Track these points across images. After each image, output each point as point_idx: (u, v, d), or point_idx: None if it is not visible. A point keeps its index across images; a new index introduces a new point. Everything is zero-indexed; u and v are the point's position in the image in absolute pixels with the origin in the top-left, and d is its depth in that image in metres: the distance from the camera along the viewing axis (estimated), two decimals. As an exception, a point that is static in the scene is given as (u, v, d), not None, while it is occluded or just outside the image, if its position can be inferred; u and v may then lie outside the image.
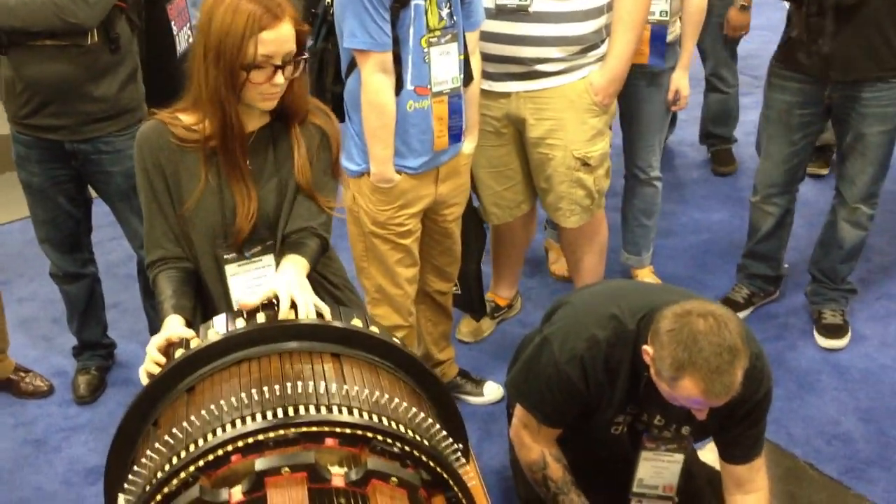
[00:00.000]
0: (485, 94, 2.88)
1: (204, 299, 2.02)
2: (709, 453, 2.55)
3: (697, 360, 1.87)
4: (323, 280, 2.16)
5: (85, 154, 2.83)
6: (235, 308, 1.87)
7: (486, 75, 2.87)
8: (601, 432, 2.22)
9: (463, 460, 1.60)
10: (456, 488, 1.49)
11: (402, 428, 1.47)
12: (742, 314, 3.41)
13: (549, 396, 2.16)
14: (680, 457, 2.24)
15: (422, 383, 1.67)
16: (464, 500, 1.50)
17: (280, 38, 1.81)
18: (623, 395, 2.14)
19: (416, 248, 2.73)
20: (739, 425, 2.15)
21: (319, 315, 1.68)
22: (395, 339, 1.70)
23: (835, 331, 3.27)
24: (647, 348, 1.99)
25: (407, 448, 1.44)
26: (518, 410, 2.28)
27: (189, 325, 1.83)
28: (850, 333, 3.28)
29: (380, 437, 1.43)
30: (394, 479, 1.36)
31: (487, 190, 3.12)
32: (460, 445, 1.72)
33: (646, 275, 3.62)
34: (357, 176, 2.61)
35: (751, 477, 2.21)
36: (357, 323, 1.66)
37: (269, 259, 2.00)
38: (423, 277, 2.93)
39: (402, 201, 2.61)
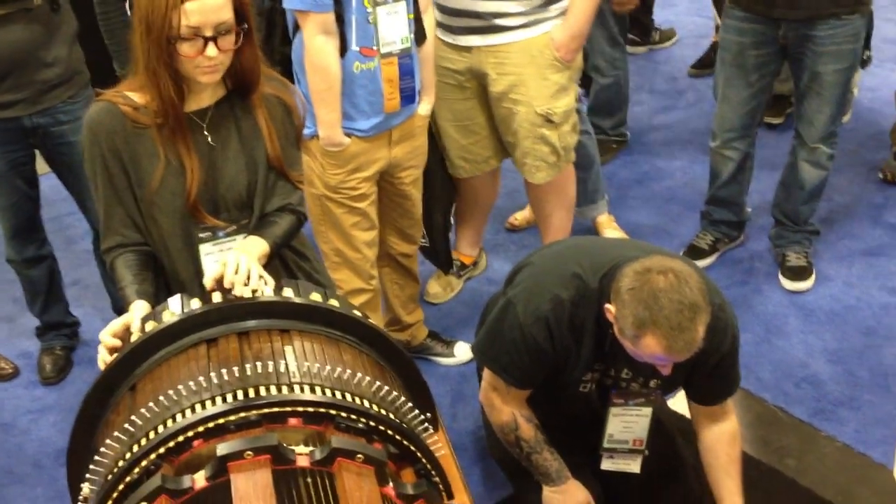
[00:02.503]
0: (447, 47, 2.84)
1: (173, 282, 1.97)
2: (679, 402, 2.56)
3: (658, 318, 1.86)
4: (296, 257, 2.13)
5: (45, 128, 2.79)
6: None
7: (448, 29, 2.82)
8: (570, 391, 2.22)
9: (431, 430, 1.58)
10: (424, 460, 1.48)
11: (366, 403, 1.45)
12: (707, 261, 3.42)
13: (516, 359, 2.15)
14: (648, 410, 2.25)
15: (386, 355, 1.65)
16: (433, 471, 1.49)
17: (205, 7, 1.73)
18: (590, 353, 2.13)
19: (373, 211, 2.70)
20: (709, 378, 2.15)
21: (277, 291, 1.65)
22: (356, 311, 1.67)
23: (799, 273, 3.28)
24: (609, 307, 1.98)
25: (372, 423, 1.42)
26: (486, 374, 2.27)
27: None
28: (814, 275, 3.30)
29: (343, 414, 1.41)
30: (360, 455, 1.34)
31: (453, 143, 3.09)
32: (428, 415, 1.71)
33: (607, 224, 3.61)
34: (307, 139, 2.57)
35: (723, 410, 2.23)
36: (316, 297, 1.63)
37: (243, 238, 1.95)
38: (385, 240, 2.90)
39: (354, 165, 2.57)
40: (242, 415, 1.37)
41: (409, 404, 1.53)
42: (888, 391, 2.81)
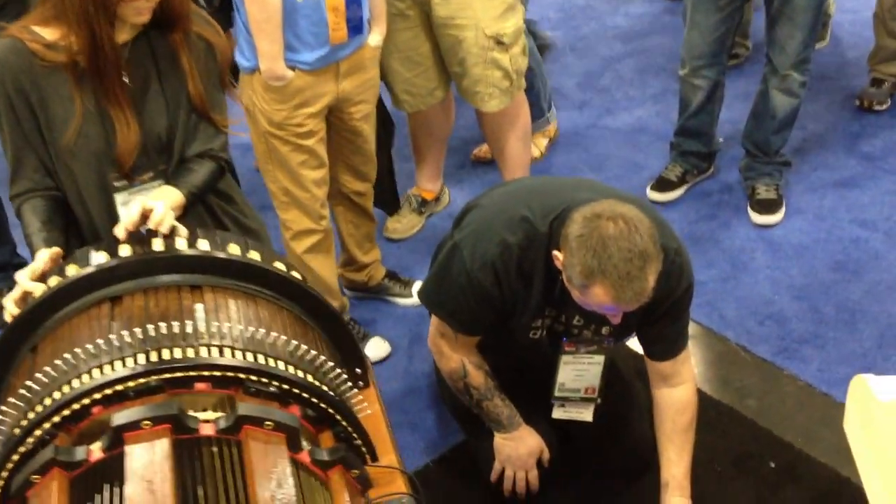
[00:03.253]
0: (386, -28, 2.68)
1: (87, 232, 1.86)
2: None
3: (607, 266, 1.77)
4: (221, 201, 2.01)
5: None
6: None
7: (385, -48, 2.66)
8: (520, 337, 2.13)
9: (355, 389, 1.49)
10: (344, 422, 1.39)
11: (280, 364, 1.36)
12: (676, 193, 3.32)
13: (464, 304, 2.06)
14: (601, 358, 2.17)
15: (311, 311, 1.54)
16: (354, 434, 1.41)
17: None
18: (539, 299, 2.04)
19: (321, 148, 2.57)
20: (660, 322, 2.07)
21: (191, 243, 1.54)
22: (279, 263, 1.56)
23: (769, 206, 3.19)
24: (557, 254, 1.88)
25: (286, 386, 1.33)
26: (434, 320, 2.18)
27: (64, 259, 1.68)
28: (784, 208, 3.20)
29: (254, 378, 1.31)
30: (268, 422, 1.25)
31: (397, 77, 2.95)
32: (358, 371, 1.63)
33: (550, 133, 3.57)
34: (249, 72, 2.43)
35: (676, 370, 2.15)
36: (234, 249, 1.52)
37: (160, 185, 1.83)
38: (338, 178, 2.78)
39: (299, 100, 2.44)
40: (142, 380, 1.27)
41: (331, 363, 1.43)
42: (853, 328, 2.74)
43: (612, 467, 2.36)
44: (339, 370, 1.45)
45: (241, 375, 1.31)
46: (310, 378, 1.38)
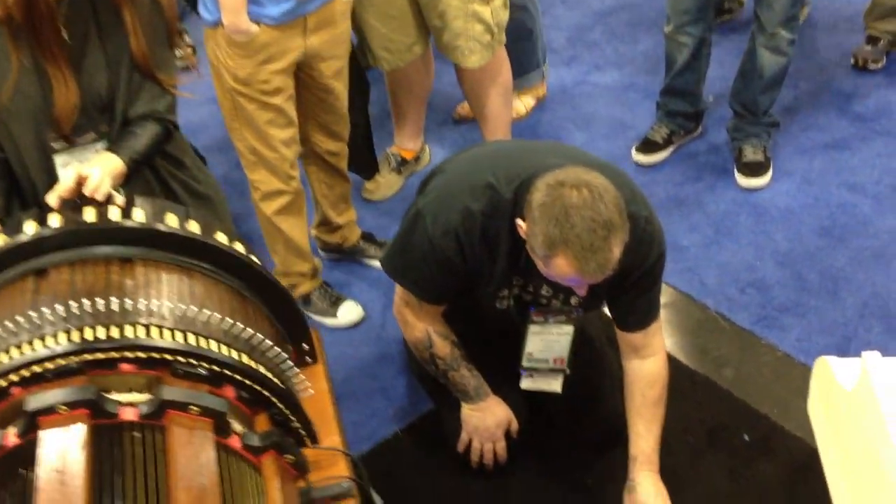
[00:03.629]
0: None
1: (28, 194, 1.79)
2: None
3: (570, 236, 1.70)
4: (170, 165, 1.93)
5: None
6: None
7: None
8: (486, 307, 2.07)
9: (296, 370, 1.43)
10: (281, 404, 1.33)
11: (213, 344, 1.29)
12: (662, 155, 3.23)
13: (427, 273, 1.99)
14: (569, 328, 2.11)
15: (253, 285, 1.47)
16: (292, 416, 1.35)
17: None
18: (505, 268, 1.97)
19: (290, 107, 2.48)
20: (630, 293, 2.00)
21: (125, 212, 1.46)
22: (220, 234, 1.49)
23: (755, 169, 3.10)
24: (521, 223, 1.81)
25: (216, 368, 1.27)
26: (398, 288, 2.11)
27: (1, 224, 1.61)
28: (771, 171, 3.11)
29: (182, 359, 1.25)
30: (194, 407, 1.19)
31: (374, 32, 2.85)
32: (305, 347, 1.56)
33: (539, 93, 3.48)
34: (212, 27, 2.33)
35: (647, 342, 2.08)
36: (171, 220, 1.44)
37: (103, 147, 1.76)
38: (310, 137, 2.70)
39: (265, 56, 2.34)
40: (61, 362, 1.21)
41: (269, 342, 1.37)
42: (835, 297, 2.67)
43: (584, 438, 2.31)
44: (278, 349, 1.38)
45: (169, 357, 1.24)
46: (244, 358, 1.31)
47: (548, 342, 2.13)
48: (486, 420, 2.19)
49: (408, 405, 2.53)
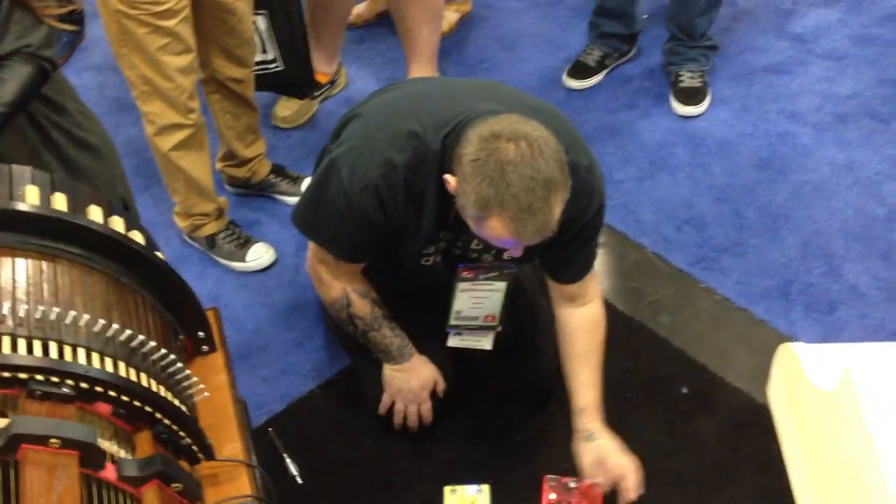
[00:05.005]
0: None
1: None
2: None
3: (505, 196, 1.50)
4: (49, 110, 1.65)
5: None
6: None
7: None
8: (410, 264, 1.87)
9: (188, 372, 1.21)
10: (167, 420, 1.12)
11: (80, 354, 1.07)
12: (594, 80, 3.04)
13: (343, 231, 1.78)
14: (502, 285, 1.93)
15: (134, 267, 1.24)
16: (180, 432, 1.14)
17: None
18: (431, 224, 1.77)
19: (186, 30, 2.19)
20: (567, 248, 1.83)
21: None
22: (94, 207, 1.24)
23: (692, 95, 2.92)
24: (449, 178, 1.60)
25: (84, 385, 1.05)
26: (312, 244, 1.89)
27: None
28: (709, 97, 2.95)
29: (39, 377, 1.02)
30: (53, 440, 0.97)
31: None
32: (201, 334, 1.35)
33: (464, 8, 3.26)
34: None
35: (583, 290, 1.93)
36: (31, 194, 1.19)
37: None
38: (211, 63, 2.42)
39: None
40: None
41: (152, 344, 1.14)
42: (776, 235, 2.54)
43: (514, 395, 2.16)
44: (163, 350, 1.16)
45: (23, 375, 1.02)
46: (121, 368, 1.09)
47: (478, 299, 1.95)
48: (409, 381, 2.02)
49: (326, 359, 2.34)
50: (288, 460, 2.10)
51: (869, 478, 1.07)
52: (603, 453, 1.88)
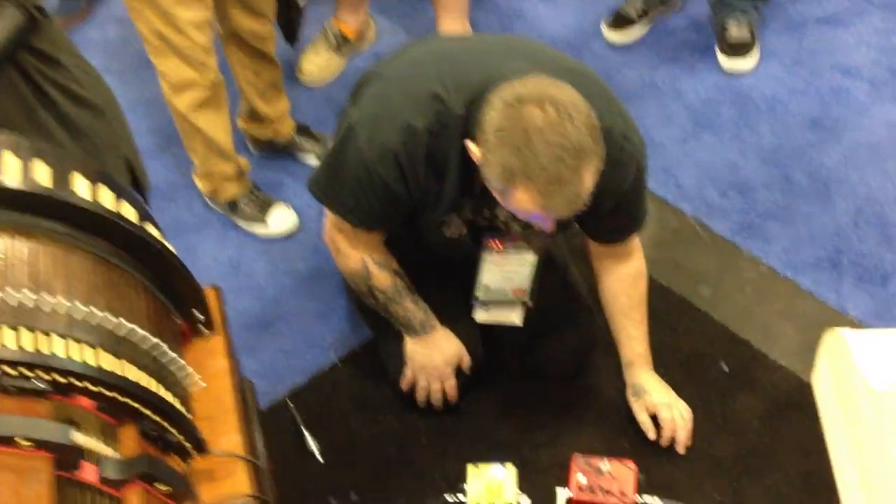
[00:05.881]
0: None
1: None
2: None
3: (531, 166, 1.38)
4: (42, 64, 1.55)
5: None
6: None
7: None
8: (434, 235, 1.76)
9: (182, 362, 1.12)
10: (155, 416, 1.03)
11: (58, 344, 0.97)
12: (636, 33, 2.87)
13: (362, 200, 1.67)
14: (531, 257, 1.81)
15: (124, 244, 1.14)
16: (169, 427, 1.05)
17: None
18: (455, 193, 1.66)
19: None
20: (608, 217, 1.71)
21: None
22: (77, 178, 1.13)
23: (740, 49, 2.75)
24: (472, 147, 1.48)
25: (60, 378, 0.95)
26: (329, 212, 1.79)
27: None
28: (758, 51, 2.77)
29: (11, 371, 0.93)
30: (24, 441, 0.88)
31: None
32: (201, 317, 1.25)
33: None
34: None
35: (626, 249, 1.87)
36: (7, 164, 1.08)
37: None
38: (228, 16, 2.30)
39: None
40: None
41: (141, 332, 1.05)
42: (828, 200, 2.39)
43: (544, 373, 2.05)
44: (154, 340, 1.06)
45: (-5, 370, 0.93)
46: (104, 358, 1.00)
47: (506, 273, 1.84)
48: (433, 357, 1.92)
49: (349, 330, 2.24)
50: (308, 437, 2.02)
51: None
52: (652, 409, 1.88)
